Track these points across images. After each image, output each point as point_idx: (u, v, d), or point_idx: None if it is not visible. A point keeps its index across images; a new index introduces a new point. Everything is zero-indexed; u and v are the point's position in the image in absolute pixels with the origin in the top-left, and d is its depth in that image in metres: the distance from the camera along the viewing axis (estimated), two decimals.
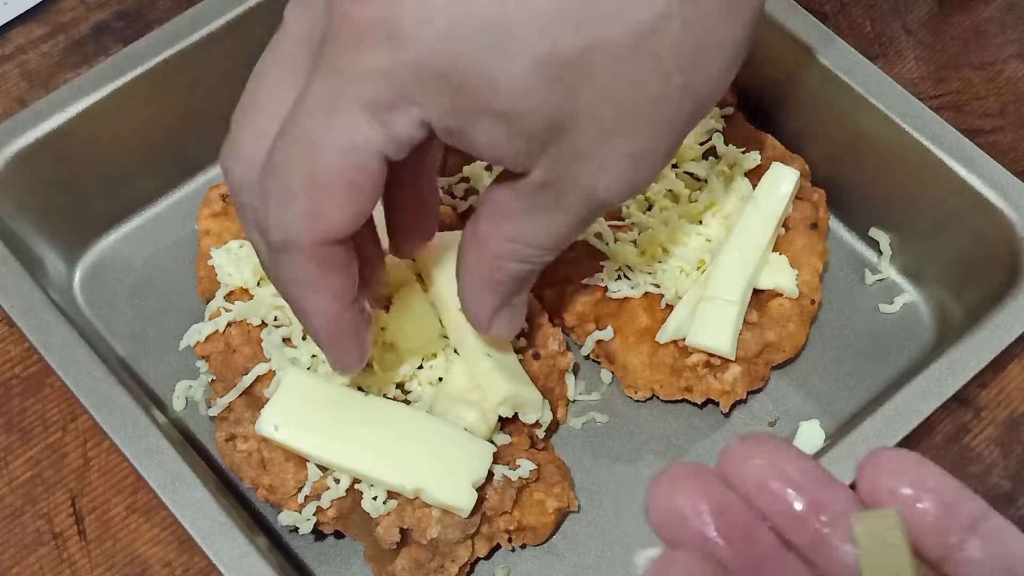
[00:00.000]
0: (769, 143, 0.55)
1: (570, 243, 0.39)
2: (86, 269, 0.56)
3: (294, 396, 0.45)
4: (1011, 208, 0.50)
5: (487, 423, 0.46)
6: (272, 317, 0.48)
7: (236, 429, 0.47)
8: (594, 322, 0.52)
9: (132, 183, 0.56)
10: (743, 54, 0.37)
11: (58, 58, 0.62)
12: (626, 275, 0.51)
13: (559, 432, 0.52)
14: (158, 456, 0.45)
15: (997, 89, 0.62)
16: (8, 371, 0.54)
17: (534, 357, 0.50)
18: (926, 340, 0.54)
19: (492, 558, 0.49)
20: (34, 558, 0.49)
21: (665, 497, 0.28)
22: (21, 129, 0.51)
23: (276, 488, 0.46)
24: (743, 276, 0.49)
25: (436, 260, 0.49)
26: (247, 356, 0.47)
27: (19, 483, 0.51)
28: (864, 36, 0.64)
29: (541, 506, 0.47)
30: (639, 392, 0.51)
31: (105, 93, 0.52)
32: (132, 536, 0.50)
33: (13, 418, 0.52)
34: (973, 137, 0.51)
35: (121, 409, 0.46)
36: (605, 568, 0.49)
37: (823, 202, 0.54)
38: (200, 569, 0.49)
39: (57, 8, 0.64)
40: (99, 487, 0.51)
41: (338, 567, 0.49)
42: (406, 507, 0.45)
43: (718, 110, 0.55)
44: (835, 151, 0.55)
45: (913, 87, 0.62)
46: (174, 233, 0.57)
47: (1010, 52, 0.64)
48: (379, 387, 0.47)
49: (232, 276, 0.49)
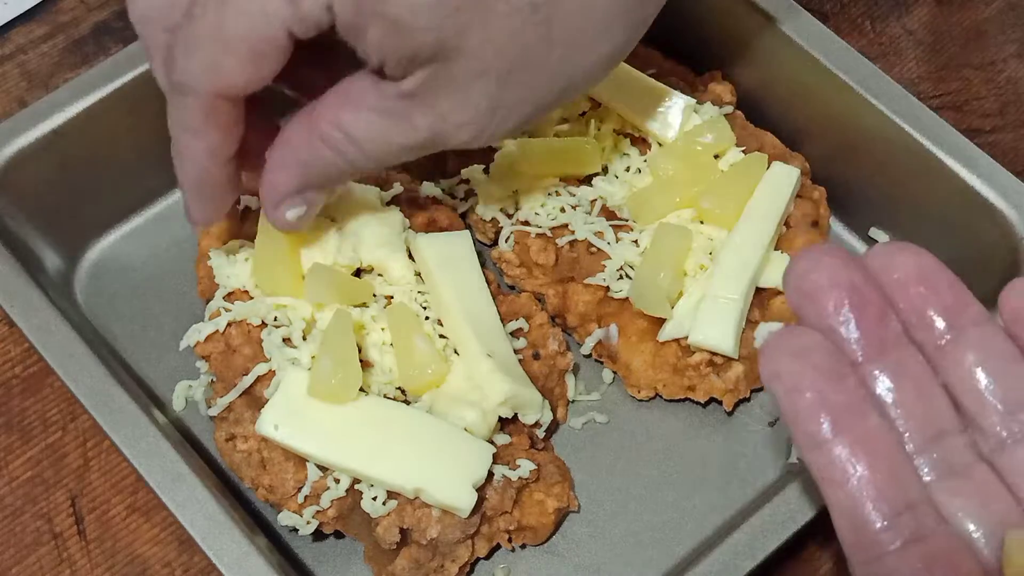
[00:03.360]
0: (769, 142, 0.55)
1: (385, 165, 0.41)
2: (86, 269, 0.56)
3: (294, 396, 0.45)
4: (1011, 208, 0.50)
5: (487, 423, 0.46)
6: (272, 317, 0.48)
7: (236, 429, 0.47)
8: (596, 321, 0.52)
9: (132, 183, 0.56)
10: (618, 58, 0.40)
11: (58, 58, 0.62)
12: (628, 274, 0.51)
13: (559, 432, 0.52)
14: (158, 456, 0.45)
15: (997, 89, 0.62)
16: (8, 371, 0.54)
17: (534, 357, 0.50)
18: None
19: (492, 558, 0.49)
20: (34, 558, 0.49)
21: (807, 270, 0.29)
22: (21, 129, 0.51)
23: (276, 488, 0.46)
24: (745, 274, 0.49)
25: (436, 260, 0.49)
26: (247, 356, 0.47)
27: (19, 483, 0.51)
28: (864, 36, 0.64)
29: (541, 506, 0.47)
30: (642, 392, 0.51)
31: (105, 93, 0.52)
32: (132, 536, 0.50)
33: (13, 418, 0.52)
34: (973, 137, 0.51)
35: (121, 409, 0.46)
36: (605, 568, 0.49)
37: (823, 200, 0.54)
38: (200, 569, 0.49)
39: (57, 8, 0.64)
40: (99, 487, 0.51)
41: (338, 567, 0.49)
42: (406, 507, 0.45)
43: (718, 108, 0.55)
44: (835, 151, 0.55)
45: (913, 87, 0.62)
46: (174, 233, 0.57)
47: (1010, 52, 0.64)
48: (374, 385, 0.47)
49: (230, 278, 0.49)
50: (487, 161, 0.54)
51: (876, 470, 0.27)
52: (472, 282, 0.49)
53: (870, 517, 0.26)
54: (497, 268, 0.54)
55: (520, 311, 0.51)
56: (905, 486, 0.27)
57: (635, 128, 0.54)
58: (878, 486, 0.27)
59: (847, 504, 0.27)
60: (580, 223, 0.51)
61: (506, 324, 0.49)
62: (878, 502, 0.26)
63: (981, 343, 0.30)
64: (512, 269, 0.53)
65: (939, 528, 0.27)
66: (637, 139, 0.54)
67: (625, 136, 0.54)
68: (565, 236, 0.51)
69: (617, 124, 0.54)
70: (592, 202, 0.52)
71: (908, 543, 0.26)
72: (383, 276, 0.50)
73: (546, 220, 0.52)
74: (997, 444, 0.29)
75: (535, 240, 0.52)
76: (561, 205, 0.52)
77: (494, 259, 0.54)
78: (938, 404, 0.29)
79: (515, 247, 0.53)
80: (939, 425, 0.29)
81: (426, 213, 0.52)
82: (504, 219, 0.53)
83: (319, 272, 0.48)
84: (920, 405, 0.29)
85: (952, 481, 0.28)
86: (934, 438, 0.29)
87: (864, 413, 0.27)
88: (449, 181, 0.55)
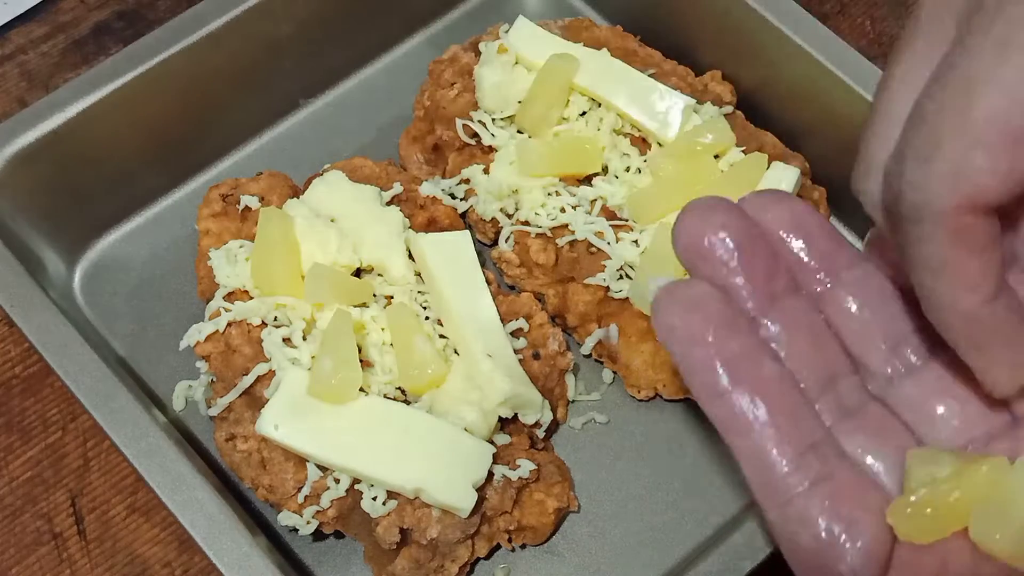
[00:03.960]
0: (769, 141, 0.55)
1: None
2: (86, 269, 0.56)
3: (294, 396, 0.45)
4: None
5: (487, 423, 0.46)
6: (272, 317, 0.48)
7: (236, 429, 0.47)
8: (596, 321, 0.52)
9: (132, 183, 0.56)
10: None
11: (58, 58, 0.62)
12: (628, 274, 0.51)
13: (559, 432, 0.52)
14: (158, 456, 0.45)
15: None
16: (8, 371, 0.54)
17: (534, 357, 0.50)
18: None
19: (492, 558, 0.49)
20: (34, 558, 0.49)
21: (696, 226, 0.29)
22: (21, 129, 0.51)
23: (276, 488, 0.46)
24: None
25: (436, 260, 0.49)
26: (247, 356, 0.47)
27: (19, 483, 0.51)
28: (864, 36, 0.64)
29: (541, 506, 0.47)
30: (642, 391, 0.51)
31: (105, 93, 0.52)
32: (132, 536, 0.50)
33: (13, 418, 0.52)
34: None
35: (121, 409, 0.46)
36: (605, 568, 0.49)
37: (823, 200, 0.54)
38: (200, 569, 0.49)
39: (57, 8, 0.64)
40: (99, 487, 0.51)
41: (338, 567, 0.49)
42: (406, 507, 0.45)
43: (718, 108, 0.55)
44: (835, 152, 0.55)
45: None
46: (174, 233, 0.57)
47: None
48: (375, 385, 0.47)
49: (230, 277, 0.49)
50: (487, 161, 0.54)
51: (777, 414, 0.27)
52: (472, 282, 0.49)
53: (776, 461, 0.27)
54: (497, 268, 0.54)
55: (520, 311, 0.51)
56: (806, 429, 0.28)
57: (635, 128, 0.54)
58: (781, 430, 0.27)
59: (752, 451, 0.27)
60: (580, 223, 0.51)
61: (506, 324, 0.49)
62: (782, 445, 0.27)
63: (857, 285, 0.31)
64: (512, 269, 0.53)
65: (843, 465, 0.28)
66: (637, 139, 0.54)
67: (625, 136, 0.54)
68: (565, 236, 0.51)
69: (617, 124, 0.54)
70: (592, 202, 0.52)
71: (815, 483, 0.27)
72: (383, 276, 0.50)
73: (546, 220, 0.52)
74: (885, 381, 0.30)
75: (535, 240, 0.52)
76: (561, 205, 0.52)
77: (494, 259, 0.54)
78: (828, 349, 0.30)
79: (515, 247, 0.53)
80: (831, 369, 0.30)
81: (426, 213, 0.52)
82: (504, 219, 0.53)
83: (319, 272, 0.48)
84: (811, 351, 0.29)
85: (849, 422, 0.29)
86: (827, 382, 0.29)
87: (760, 361, 0.28)
88: (449, 181, 0.55)
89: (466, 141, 0.54)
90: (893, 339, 0.31)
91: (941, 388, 0.30)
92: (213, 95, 0.56)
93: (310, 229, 0.49)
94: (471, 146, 0.55)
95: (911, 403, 0.30)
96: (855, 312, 0.31)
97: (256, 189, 0.52)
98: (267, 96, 0.59)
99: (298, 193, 0.53)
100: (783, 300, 0.29)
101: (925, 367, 0.30)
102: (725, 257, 0.29)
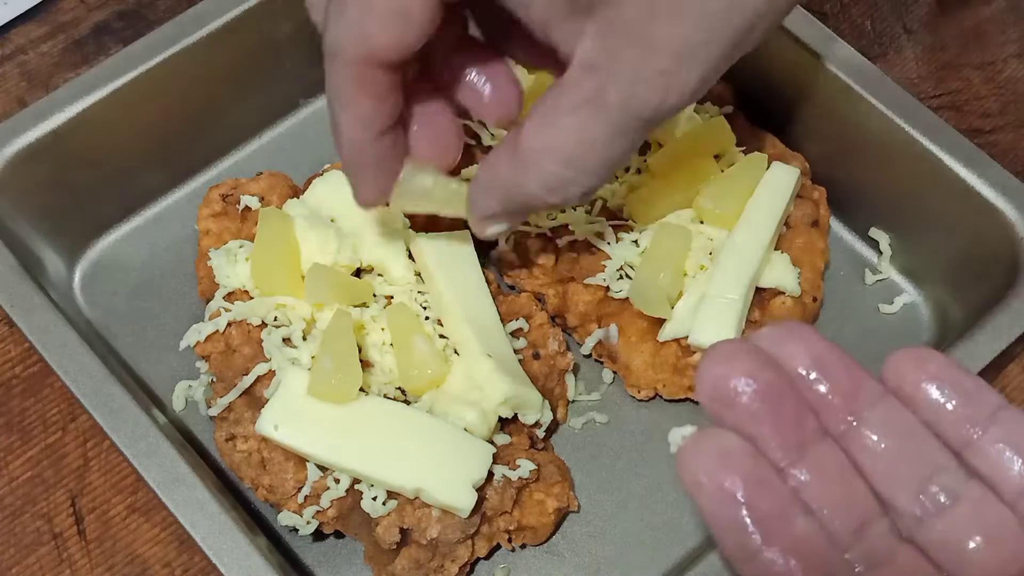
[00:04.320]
0: (769, 141, 0.55)
1: (593, 179, 0.38)
2: (86, 269, 0.56)
3: (294, 396, 0.45)
4: (1011, 208, 0.50)
5: (487, 423, 0.46)
6: (272, 317, 0.48)
7: (236, 429, 0.47)
8: (596, 322, 0.52)
9: (132, 183, 0.56)
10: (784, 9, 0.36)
11: (58, 58, 0.62)
12: (628, 275, 0.51)
13: (559, 432, 0.52)
14: (158, 456, 0.45)
15: (997, 89, 0.62)
16: (8, 371, 0.54)
17: (534, 357, 0.50)
18: (926, 340, 0.54)
19: (492, 558, 0.49)
20: (34, 558, 0.49)
21: (721, 374, 0.28)
22: (21, 129, 0.51)
23: (276, 488, 0.46)
24: (745, 274, 0.49)
25: (436, 260, 0.49)
26: (247, 356, 0.47)
27: (19, 483, 0.51)
28: (864, 36, 0.64)
29: (541, 506, 0.47)
30: (642, 391, 0.51)
31: (105, 93, 0.52)
32: (132, 536, 0.50)
33: (13, 418, 0.52)
34: (973, 137, 0.52)
35: (121, 409, 0.46)
36: (605, 568, 0.49)
37: (823, 200, 0.54)
38: (200, 569, 0.49)
39: (57, 8, 0.64)
40: (99, 487, 0.51)
41: (338, 567, 0.49)
42: (406, 507, 0.45)
43: (717, 108, 0.55)
44: (835, 151, 0.55)
45: (913, 87, 0.62)
46: (174, 233, 0.57)
47: (1010, 52, 0.64)
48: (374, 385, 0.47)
49: (230, 277, 0.49)
50: None
51: (810, 572, 0.27)
52: (472, 282, 0.49)
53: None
54: (497, 268, 0.54)
55: (520, 311, 0.51)
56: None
57: None
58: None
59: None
60: (580, 223, 0.51)
61: (506, 324, 0.49)
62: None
63: (879, 423, 0.29)
64: (512, 269, 0.53)
65: None
66: None
67: None
68: (565, 236, 0.51)
69: None
70: (592, 202, 0.52)
71: None
72: (383, 276, 0.50)
73: (546, 220, 0.52)
74: (914, 522, 0.29)
75: (535, 240, 0.52)
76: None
77: (494, 259, 0.54)
78: (857, 493, 0.29)
79: (515, 247, 0.53)
80: (861, 515, 0.29)
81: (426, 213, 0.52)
82: None
83: (319, 272, 0.48)
84: (841, 498, 0.29)
85: (881, 571, 0.28)
86: (858, 528, 0.29)
87: (791, 518, 0.27)
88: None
89: (466, 141, 0.54)
90: (920, 478, 0.29)
91: (970, 527, 0.29)
92: (213, 95, 0.56)
93: (310, 229, 0.49)
94: (471, 146, 0.55)
95: (941, 544, 0.29)
96: (881, 451, 0.29)
97: (256, 189, 0.52)
98: (267, 96, 0.59)
99: (298, 193, 0.53)
100: (811, 448, 0.28)
101: (954, 505, 0.29)
102: (753, 407, 0.28)
